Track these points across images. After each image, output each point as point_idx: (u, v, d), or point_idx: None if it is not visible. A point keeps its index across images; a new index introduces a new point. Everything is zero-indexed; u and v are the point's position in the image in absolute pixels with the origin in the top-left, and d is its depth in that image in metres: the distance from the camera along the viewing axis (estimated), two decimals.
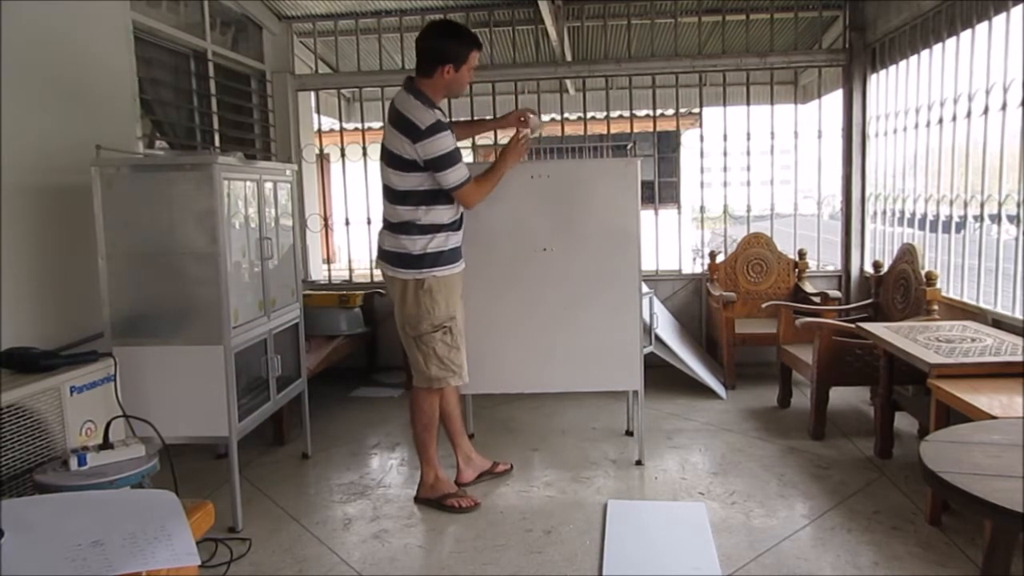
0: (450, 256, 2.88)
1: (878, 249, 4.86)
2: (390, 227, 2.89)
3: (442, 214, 2.83)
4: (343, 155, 5.31)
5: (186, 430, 2.75)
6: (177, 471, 2.05)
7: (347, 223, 5.29)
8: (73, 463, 1.78)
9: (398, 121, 2.74)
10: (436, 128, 2.69)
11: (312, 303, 4.60)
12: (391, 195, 2.84)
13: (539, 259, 3.20)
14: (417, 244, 2.81)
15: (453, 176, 2.76)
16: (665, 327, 4.48)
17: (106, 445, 1.85)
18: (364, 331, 4.82)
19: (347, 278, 5.47)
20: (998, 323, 3.35)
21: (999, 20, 3.42)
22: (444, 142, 2.71)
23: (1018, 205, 3.24)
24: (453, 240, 2.89)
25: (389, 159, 2.80)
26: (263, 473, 3.40)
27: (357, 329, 4.73)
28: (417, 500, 3.04)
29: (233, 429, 2.77)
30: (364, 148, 5.25)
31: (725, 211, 5.30)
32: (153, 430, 1.98)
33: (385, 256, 2.92)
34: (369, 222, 5.23)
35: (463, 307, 3.01)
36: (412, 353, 2.92)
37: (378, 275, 5.21)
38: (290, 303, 3.35)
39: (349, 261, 5.52)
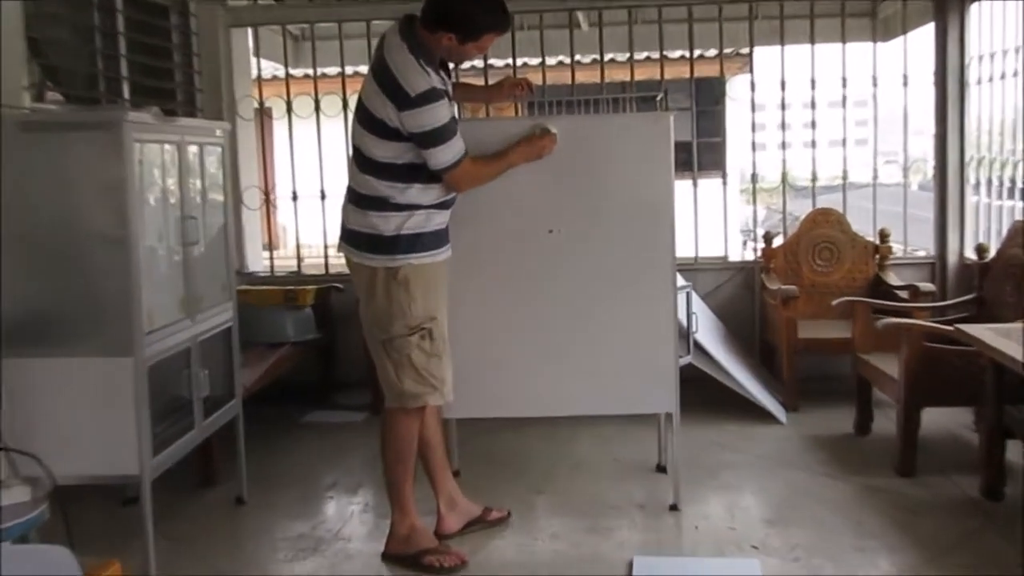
0: (432, 240, 2.89)
1: (982, 229, 4.85)
2: (357, 200, 2.90)
3: (425, 193, 2.85)
4: (289, 110, 5.28)
5: (85, 467, 2.73)
6: (73, 521, 2.04)
7: (294, 198, 5.26)
8: None
9: (383, 77, 2.76)
10: (429, 97, 2.72)
11: (250, 301, 4.55)
12: (363, 162, 2.85)
13: (543, 244, 3.19)
14: (390, 223, 2.83)
15: (444, 155, 2.79)
16: (707, 331, 4.46)
17: None
18: (318, 337, 4.80)
19: (295, 269, 5.45)
20: None
21: None
22: (436, 114, 2.74)
23: None
24: (437, 220, 2.90)
25: (366, 120, 2.82)
26: (186, 523, 3.39)
27: (308, 335, 4.72)
28: (386, 557, 3.02)
29: (146, 466, 2.75)
30: (317, 101, 5.22)
31: (784, 180, 5.28)
32: (41, 468, 1.96)
33: (349, 237, 2.92)
34: (323, 196, 5.20)
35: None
36: (381, 362, 2.94)
37: (336, 264, 5.23)
38: (221, 302, 3.34)
39: (297, 247, 5.49)
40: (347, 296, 4.63)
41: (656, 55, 5.31)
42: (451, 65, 2.96)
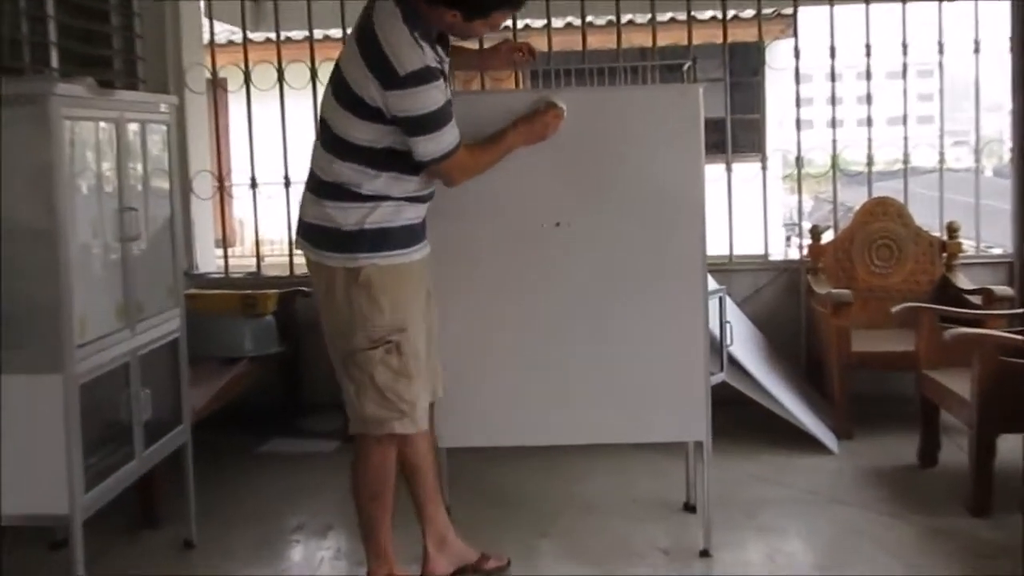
0: (403, 236, 2.89)
1: None
2: (316, 187, 2.90)
3: (398, 184, 2.85)
4: (248, 82, 5.30)
5: (5, 505, 2.72)
6: None
7: (254, 185, 5.26)
8: None
9: (368, 47, 2.74)
10: (422, 76, 2.71)
11: (201, 308, 4.53)
12: (332, 141, 2.84)
13: (550, 240, 3.19)
14: (350, 216, 2.83)
15: (433, 144, 2.78)
16: (744, 343, 4.47)
17: None
18: (281, 351, 4.80)
19: (254, 270, 5.45)
20: None
21: None
22: (428, 97, 2.73)
23: None
24: (409, 213, 2.90)
25: (343, 94, 2.80)
26: (124, 570, 3.37)
27: (270, 348, 4.72)
28: None
29: (76, 504, 2.74)
30: (280, 71, 5.23)
31: (835, 165, 5.28)
32: None
33: (306, 231, 2.94)
34: (288, 184, 5.20)
35: (428, 312, 3.02)
36: (342, 381, 2.96)
37: (302, 264, 5.12)
38: (166, 309, 3.34)
39: (257, 244, 5.50)
40: (314, 303, 4.63)
41: (682, 16, 5.33)
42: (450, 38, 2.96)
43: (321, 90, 2.96)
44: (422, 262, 2.97)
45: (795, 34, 5.41)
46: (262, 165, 5.26)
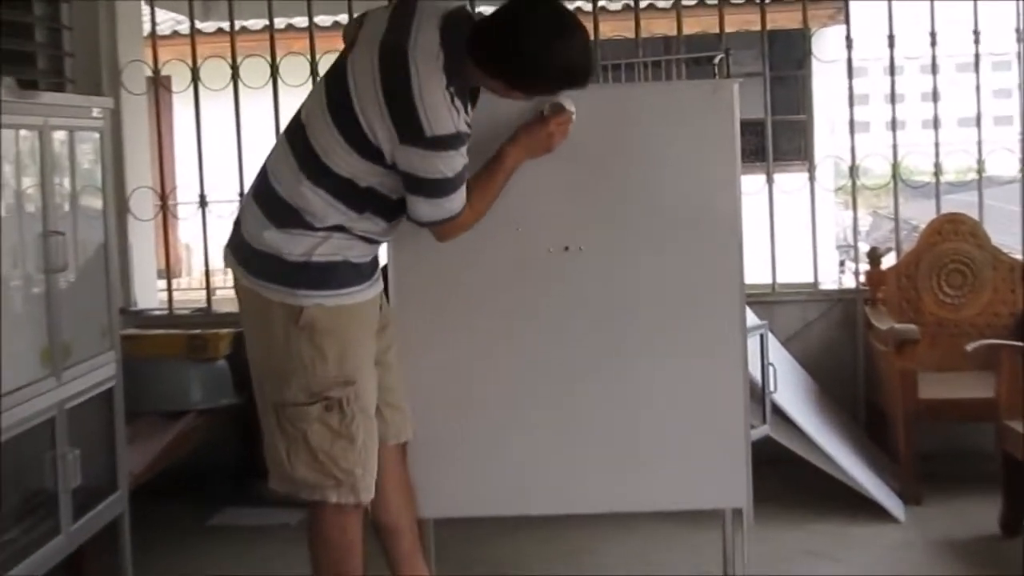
0: (352, 273, 2.86)
1: None
2: (266, 200, 2.85)
3: (362, 223, 2.84)
4: (196, 80, 5.28)
5: None
6: None
7: (203, 204, 5.25)
8: None
9: (398, 95, 2.68)
10: (447, 143, 2.70)
11: (140, 352, 4.50)
12: (305, 155, 2.80)
13: (556, 267, 3.18)
14: (297, 245, 2.79)
15: (436, 210, 2.79)
16: (790, 390, 4.45)
17: None
18: (235, 403, 4.71)
19: (204, 305, 5.42)
20: None
21: None
22: (446, 164, 2.72)
23: None
24: (361, 249, 2.87)
25: (342, 115, 2.75)
26: None
27: (222, 399, 4.66)
28: None
29: None
30: (235, 67, 5.23)
31: (895, 174, 5.27)
32: None
33: (240, 249, 2.90)
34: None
35: (384, 349, 3.00)
36: (269, 429, 2.91)
37: None
38: (99, 353, 3.35)
39: (207, 274, 5.48)
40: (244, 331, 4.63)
41: (714, 0, 5.35)
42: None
43: (284, 91, 2.96)
44: (373, 300, 2.95)
45: (847, 20, 5.43)
46: (213, 180, 5.24)
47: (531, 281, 3.20)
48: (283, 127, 3.03)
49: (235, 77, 5.21)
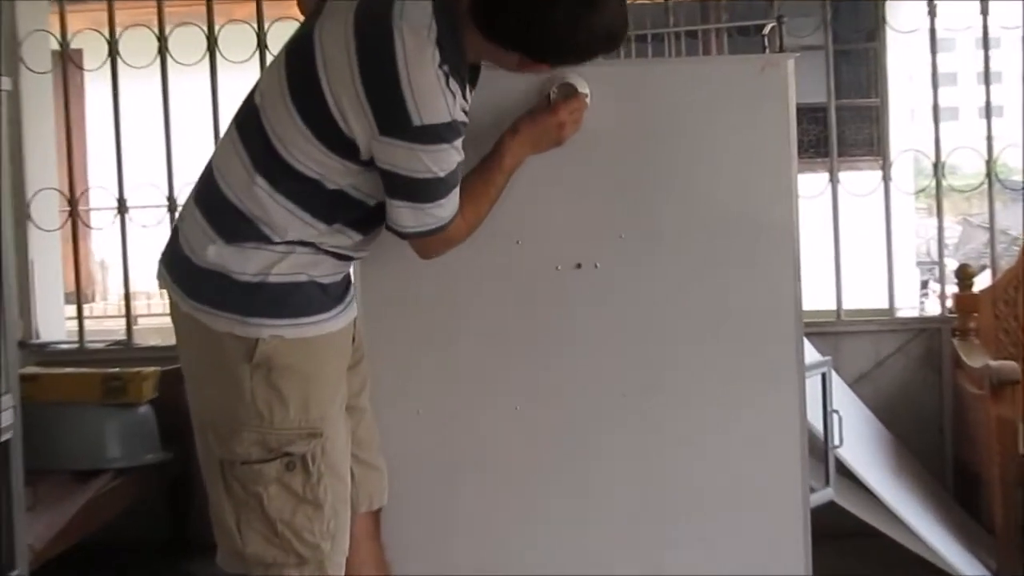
0: (320, 296, 2.79)
1: None
2: (211, 206, 2.76)
3: (334, 238, 2.78)
4: (114, 54, 5.28)
5: None
6: None
7: (123, 210, 5.26)
8: None
9: (380, 76, 2.61)
10: (439, 134, 2.66)
11: (44, 396, 4.49)
12: (264, 151, 2.72)
13: (566, 288, 3.17)
14: (250, 262, 2.71)
15: (423, 217, 2.74)
16: (859, 443, 4.41)
17: None
18: (162, 459, 4.76)
19: (124, 336, 5.46)
20: None
21: None
22: (437, 160, 2.69)
23: None
24: (329, 267, 2.80)
25: (308, 101, 2.66)
26: None
27: (146, 456, 4.66)
28: None
29: None
30: (163, 39, 5.22)
31: (991, 173, 5.27)
32: None
33: (176, 267, 2.82)
34: (173, 207, 5.18)
35: (355, 391, 2.97)
36: (214, 489, 2.86)
37: None
38: None
39: (127, 297, 5.44)
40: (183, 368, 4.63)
41: None
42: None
43: (224, 68, 2.94)
44: (345, 330, 2.87)
45: None
46: (136, 180, 5.19)
47: (535, 306, 3.15)
48: (225, 114, 3.05)
49: (163, 51, 5.15)
